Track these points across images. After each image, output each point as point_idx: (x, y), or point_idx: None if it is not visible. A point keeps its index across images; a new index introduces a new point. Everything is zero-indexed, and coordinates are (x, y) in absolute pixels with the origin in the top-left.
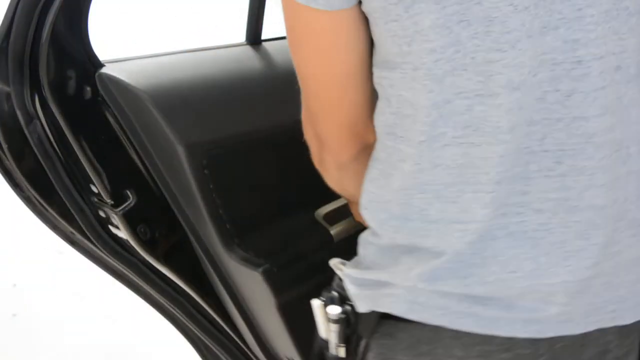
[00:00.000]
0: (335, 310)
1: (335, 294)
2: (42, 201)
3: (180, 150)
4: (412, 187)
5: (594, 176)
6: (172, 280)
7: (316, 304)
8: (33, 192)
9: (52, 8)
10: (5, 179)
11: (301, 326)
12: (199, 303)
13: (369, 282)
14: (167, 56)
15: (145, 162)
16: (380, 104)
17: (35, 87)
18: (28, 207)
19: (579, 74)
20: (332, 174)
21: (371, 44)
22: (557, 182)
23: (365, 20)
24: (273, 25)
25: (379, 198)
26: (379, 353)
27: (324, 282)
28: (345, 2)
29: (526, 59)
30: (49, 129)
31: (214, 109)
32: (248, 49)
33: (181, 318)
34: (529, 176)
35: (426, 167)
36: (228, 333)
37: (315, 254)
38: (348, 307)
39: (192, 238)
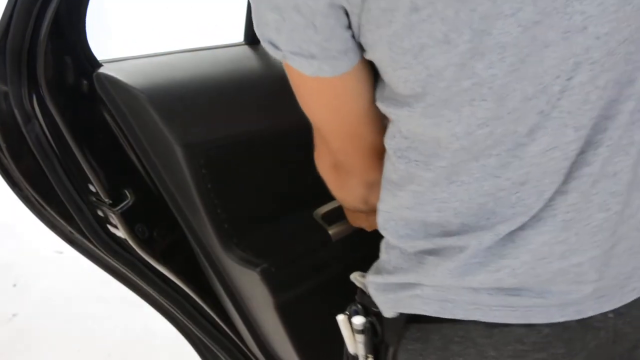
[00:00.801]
0: (359, 320)
1: (358, 306)
2: (40, 200)
3: (178, 150)
4: (428, 204)
5: (611, 147)
6: (171, 280)
7: (340, 318)
8: (31, 191)
9: (50, 7)
10: (4, 178)
11: (299, 325)
12: (198, 303)
13: (394, 286)
14: (165, 56)
15: (143, 161)
16: (391, 129)
17: (33, 86)
18: (27, 206)
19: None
20: (359, 192)
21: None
22: (580, 161)
23: (370, 64)
24: None
25: (396, 217)
26: (407, 358)
27: (322, 282)
28: (350, 63)
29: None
30: (47, 128)
31: (211, 109)
32: (246, 49)
33: (180, 318)
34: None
35: (443, 185)
36: (227, 332)
37: (313, 254)
38: (372, 317)
39: (190, 237)
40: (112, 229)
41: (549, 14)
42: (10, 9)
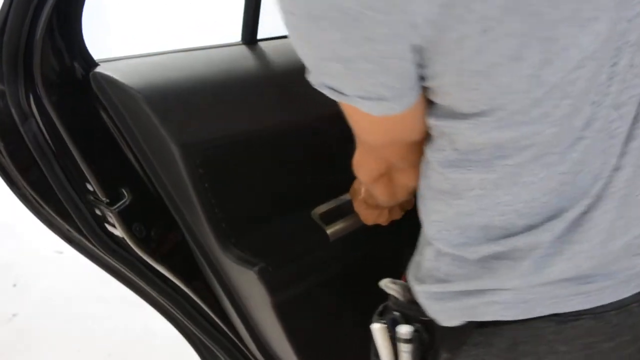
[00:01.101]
0: (406, 329)
1: (396, 314)
2: (38, 199)
3: (175, 150)
4: (491, 208)
5: None
6: (170, 280)
7: (377, 327)
8: (29, 189)
9: (46, 6)
10: (2, 177)
11: (296, 325)
12: (196, 302)
13: (455, 294)
14: (162, 55)
15: (140, 160)
16: (440, 142)
17: (30, 85)
18: (24, 204)
19: None
20: (411, 184)
21: None
22: (629, 137)
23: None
24: (269, 24)
25: (450, 226)
26: None
27: (319, 282)
28: (416, 96)
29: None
30: (44, 127)
31: (208, 108)
32: (244, 49)
33: (180, 317)
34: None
35: (506, 187)
36: (225, 332)
37: (310, 254)
38: (418, 325)
39: (187, 237)
40: (110, 228)
41: (605, 9)
42: (7, 8)
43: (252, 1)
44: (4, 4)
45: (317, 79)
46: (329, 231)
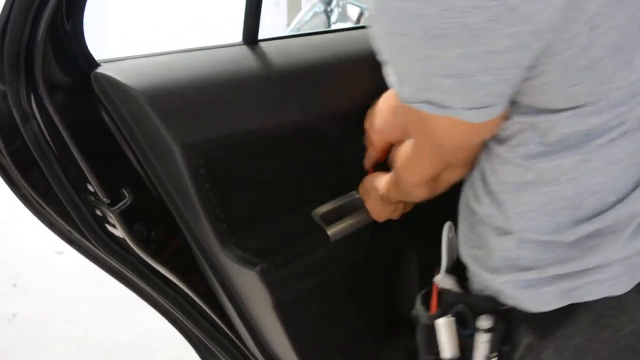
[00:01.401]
0: (488, 320)
1: (460, 306)
2: (39, 199)
3: (176, 150)
4: (583, 190)
5: None
6: (170, 280)
7: (443, 322)
8: (30, 190)
9: (48, 7)
10: (2, 178)
11: (297, 325)
12: (197, 303)
13: (549, 279)
14: (164, 56)
15: (142, 161)
16: (521, 137)
17: (31, 85)
18: (25, 205)
19: None
20: (455, 179)
21: None
22: None
23: None
24: (270, 25)
25: (540, 214)
26: (556, 346)
27: (320, 282)
28: (507, 102)
29: None
30: (45, 127)
31: (210, 109)
32: (245, 49)
33: (180, 317)
34: None
35: (600, 167)
36: (226, 332)
37: (311, 254)
38: (492, 315)
39: (188, 237)
40: (110, 229)
41: None
42: (8, 8)
43: (253, 1)
44: (5, 3)
45: (417, 96)
46: (329, 231)
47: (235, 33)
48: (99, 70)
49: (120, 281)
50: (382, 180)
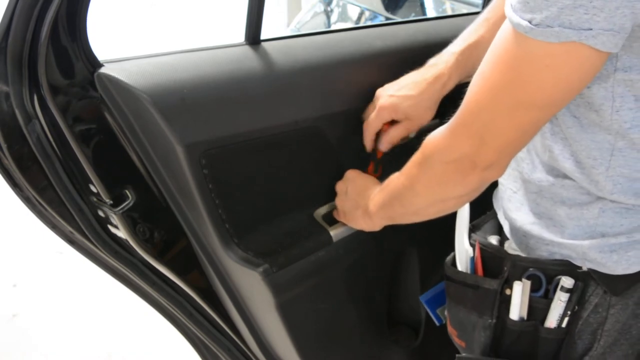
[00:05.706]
0: (570, 280)
1: (532, 269)
2: (41, 201)
3: (179, 151)
4: None
5: None
6: (171, 280)
7: (519, 285)
8: (32, 191)
9: (51, 7)
10: (5, 179)
11: (300, 325)
12: (198, 303)
13: (633, 243)
14: (166, 56)
15: (144, 162)
16: (617, 102)
17: (34, 86)
18: (27, 206)
19: None
20: (474, 190)
21: None
22: None
23: None
24: (270, 25)
25: (627, 182)
26: (623, 304)
27: (323, 282)
28: (622, 40)
29: None
30: (48, 128)
31: (213, 109)
32: (247, 49)
33: (181, 318)
34: None
35: None
36: (227, 333)
37: (314, 254)
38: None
39: (191, 238)
40: (112, 230)
41: None
42: (12, 9)
43: (255, 1)
44: (8, 3)
45: (556, 20)
46: (332, 232)
47: (236, 34)
48: (102, 70)
49: (121, 281)
50: (372, 195)
